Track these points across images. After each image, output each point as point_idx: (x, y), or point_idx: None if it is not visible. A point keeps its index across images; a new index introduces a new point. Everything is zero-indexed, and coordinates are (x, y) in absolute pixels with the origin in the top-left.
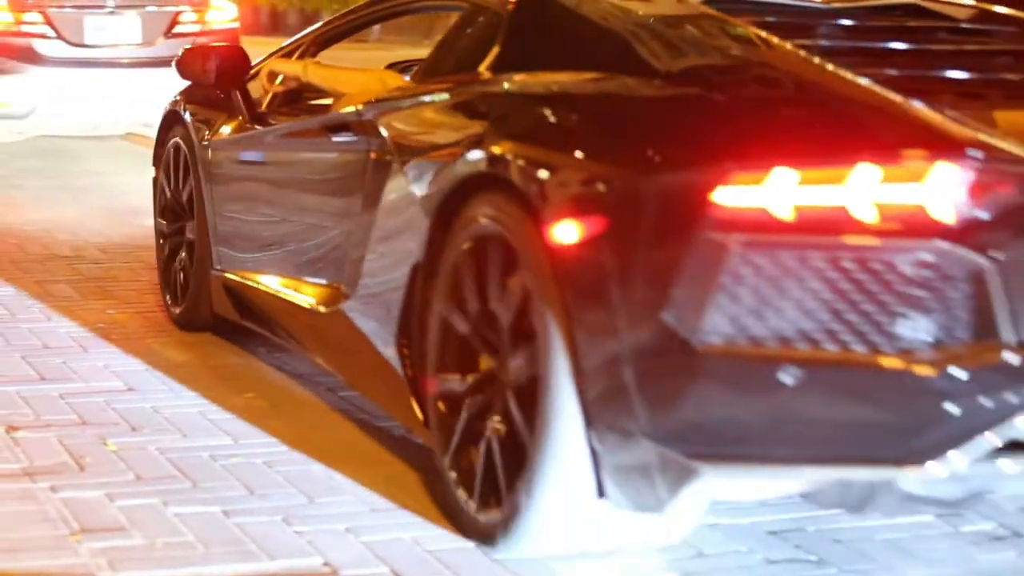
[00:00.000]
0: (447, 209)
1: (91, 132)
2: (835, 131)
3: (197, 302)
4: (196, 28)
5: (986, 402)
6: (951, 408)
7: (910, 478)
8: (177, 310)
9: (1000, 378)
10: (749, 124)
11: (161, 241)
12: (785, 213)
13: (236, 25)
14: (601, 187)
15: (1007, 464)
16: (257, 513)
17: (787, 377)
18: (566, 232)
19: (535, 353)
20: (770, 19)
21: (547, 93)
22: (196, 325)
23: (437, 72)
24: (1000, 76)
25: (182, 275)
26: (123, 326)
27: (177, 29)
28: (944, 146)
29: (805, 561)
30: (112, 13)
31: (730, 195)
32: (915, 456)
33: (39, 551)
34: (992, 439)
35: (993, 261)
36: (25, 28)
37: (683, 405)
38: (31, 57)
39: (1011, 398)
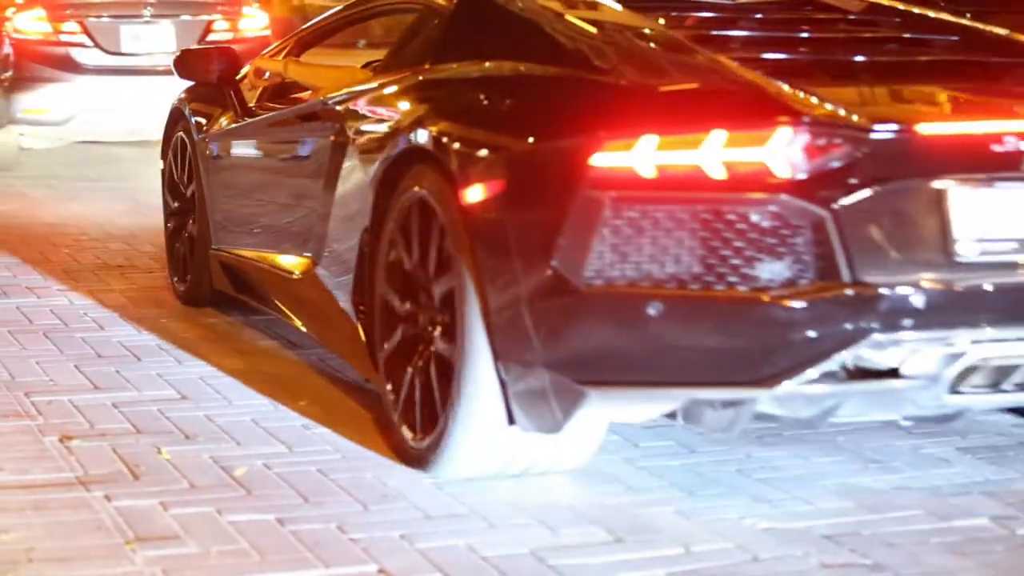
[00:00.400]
0: (388, 181)
1: (129, 138)
2: (693, 104)
3: (199, 279)
4: (229, 36)
5: (828, 332)
6: (798, 337)
7: (765, 398)
8: (182, 287)
9: (840, 311)
10: (623, 101)
11: (169, 226)
12: (650, 173)
13: (268, 33)
14: (500, 156)
15: (850, 386)
16: (312, 521)
17: (657, 312)
18: (473, 195)
19: (453, 299)
20: (682, 13)
21: (465, 80)
22: (198, 300)
23: (393, 66)
24: (875, 58)
25: (185, 255)
26: (176, 335)
27: (211, 37)
28: (784, 114)
29: (860, 565)
30: (148, 22)
31: (604, 159)
32: (768, 378)
33: (94, 560)
34: (834, 363)
35: (831, 211)
36: (63, 37)
37: (571, 338)
38: (69, 65)
39: (850, 328)
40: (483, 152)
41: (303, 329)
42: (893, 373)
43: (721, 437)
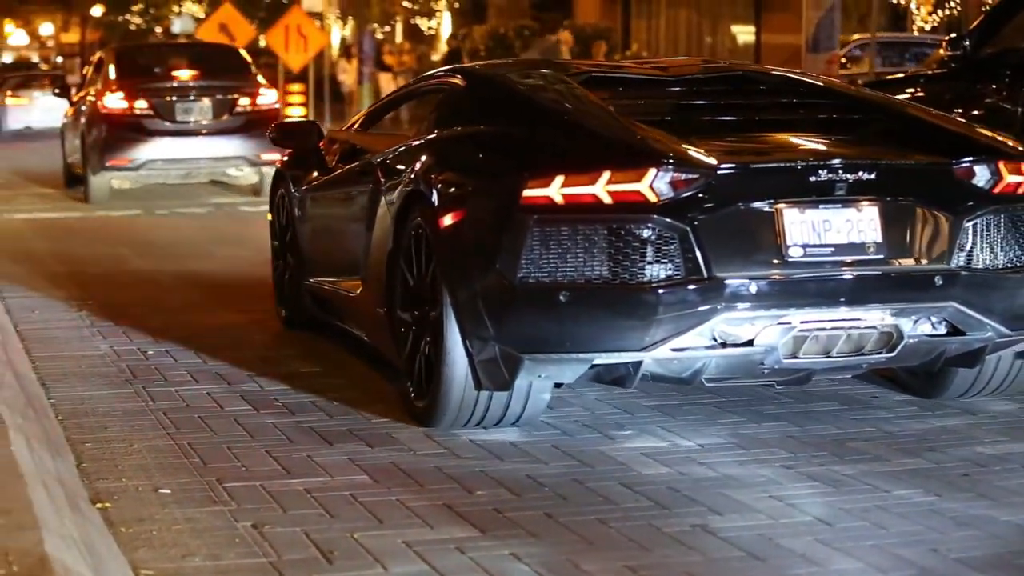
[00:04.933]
0: (401, 215)
1: (184, 180)
2: (592, 153)
3: (296, 306)
4: (249, 108)
5: (691, 311)
6: (669, 315)
7: (649, 360)
8: (284, 314)
9: (699, 296)
10: (545, 152)
11: (275, 265)
12: (561, 201)
13: (277, 106)
14: (463, 192)
15: (712, 352)
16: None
17: (567, 300)
18: (445, 221)
19: (437, 297)
20: (623, 88)
21: (449, 140)
22: (297, 325)
23: (424, 131)
24: (740, 115)
25: (287, 287)
26: (368, 420)
27: (236, 109)
28: (654, 159)
29: None
30: (193, 100)
31: (529, 193)
32: (649, 345)
33: None
34: (702, 336)
35: (691, 226)
36: (136, 111)
37: (511, 320)
38: (141, 130)
39: (707, 308)
40: (452, 190)
41: (363, 336)
42: (749, 343)
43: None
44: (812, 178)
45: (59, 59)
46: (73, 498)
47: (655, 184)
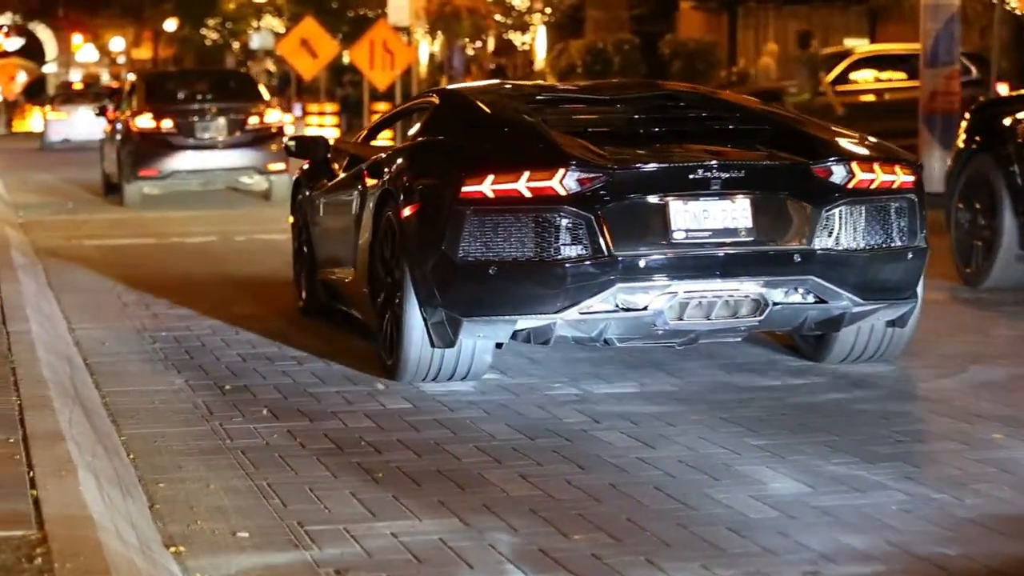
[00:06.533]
0: (378, 210)
1: (205, 187)
2: (516, 157)
3: (313, 295)
4: (258, 125)
5: (594, 282)
6: (577, 285)
7: (559, 322)
8: (301, 303)
9: (601, 270)
10: (482, 155)
11: (296, 263)
12: (492, 196)
13: (282, 123)
14: (418, 190)
15: (612, 315)
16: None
17: (495, 273)
18: (405, 212)
19: (400, 274)
20: (564, 105)
21: (415, 148)
22: (313, 312)
23: (406, 141)
24: (646, 126)
25: (305, 280)
26: (459, 461)
27: (247, 126)
28: (564, 160)
29: None
30: (212, 118)
31: (466, 189)
32: (561, 310)
33: None
34: (603, 302)
35: (595, 214)
36: (163, 129)
37: (453, 290)
38: (166, 145)
39: (606, 279)
40: (411, 189)
41: (357, 315)
42: (644, 308)
43: None
44: (692, 176)
45: (130, 76)
46: (145, 541)
47: (564, 181)
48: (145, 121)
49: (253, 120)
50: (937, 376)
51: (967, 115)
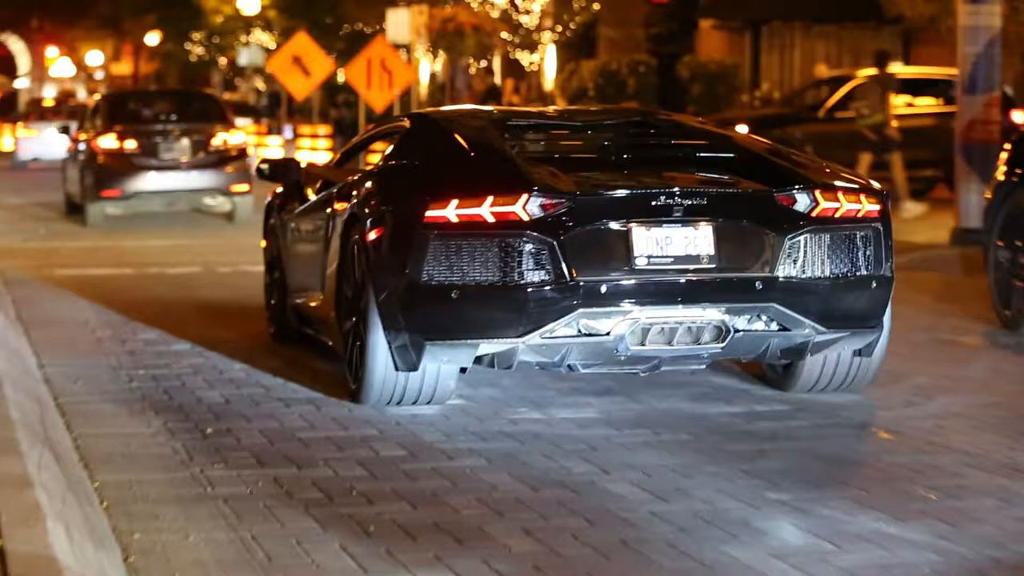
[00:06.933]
0: (346, 234)
1: (167, 208)
2: (480, 183)
3: (284, 322)
4: (222, 146)
5: (555, 307)
6: (538, 310)
7: (522, 347)
8: (273, 330)
9: (562, 296)
10: (444, 182)
11: (268, 288)
12: (456, 220)
13: (244, 145)
14: (382, 214)
15: (574, 340)
16: None
17: (457, 297)
18: (371, 236)
19: (366, 297)
20: (533, 132)
21: (381, 172)
22: (286, 339)
23: (378, 164)
24: (612, 154)
25: (276, 307)
26: (455, 512)
27: (211, 147)
28: (527, 187)
29: None
30: (176, 139)
31: (430, 214)
32: (524, 334)
33: None
34: (566, 327)
35: (557, 240)
36: (126, 149)
37: (417, 313)
38: (129, 165)
39: (568, 305)
40: (377, 213)
41: (326, 340)
42: (607, 334)
43: None
44: (655, 202)
45: (95, 96)
46: None
47: (527, 207)
48: (108, 141)
49: (217, 141)
50: (975, 428)
51: (1007, 145)
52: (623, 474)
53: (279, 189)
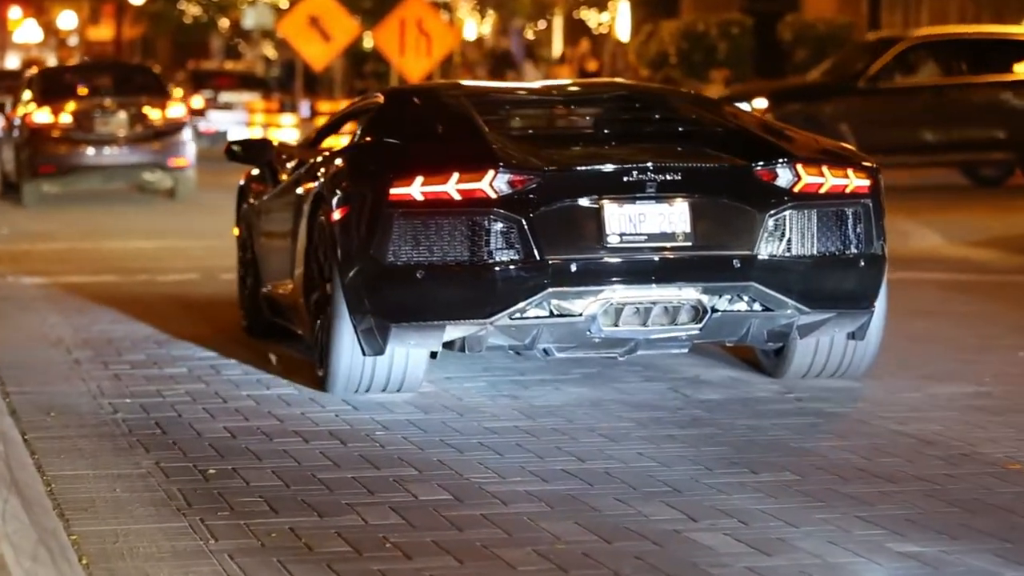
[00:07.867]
0: (313, 214)
1: (105, 184)
2: (446, 159)
3: (256, 312)
4: (159, 119)
5: (524, 287)
6: (506, 290)
7: (491, 329)
8: (245, 322)
9: (531, 275)
10: (410, 158)
11: (240, 275)
12: (421, 198)
13: (184, 119)
14: (348, 193)
15: (544, 321)
16: None
17: (423, 277)
18: (336, 216)
19: (331, 279)
20: (509, 106)
21: (347, 150)
22: (258, 332)
23: (344, 144)
24: (587, 128)
25: (248, 297)
26: (509, 564)
27: (149, 121)
28: (494, 163)
29: None
30: (111, 113)
31: (395, 191)
32: (490, 315)
33: None
34: (537, 308)
35: (526, 218)
36: (61, 123)
37: (382, 294)
38: (65, 140)
39: (537, 284)
40: (342, 192)
41: (298, 331)
42: (579, 315)
43: None
44: (627, 178)
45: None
46: None
47: (494, 183)
48: (42, 116)
49: (155, 115)
50: None
51: None
52: (715, 522)
53: (254, 172)
